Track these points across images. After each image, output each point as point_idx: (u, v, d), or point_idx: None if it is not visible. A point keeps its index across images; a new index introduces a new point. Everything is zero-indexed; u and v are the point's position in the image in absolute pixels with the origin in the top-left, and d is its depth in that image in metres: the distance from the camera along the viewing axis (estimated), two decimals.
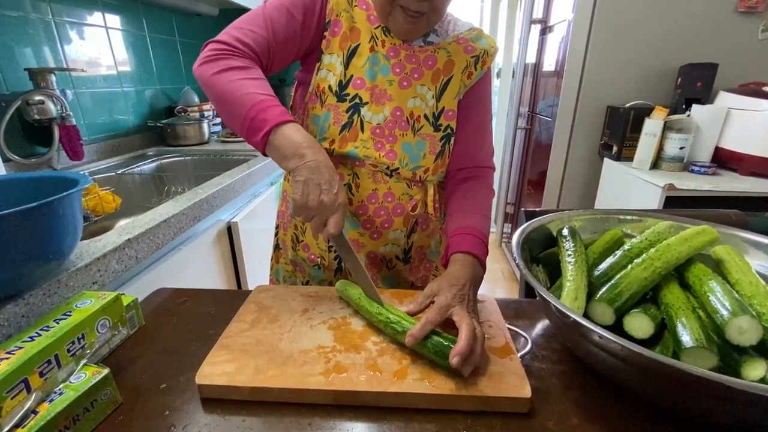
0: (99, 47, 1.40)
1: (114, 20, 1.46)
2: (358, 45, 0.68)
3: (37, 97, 1.10)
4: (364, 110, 0.69)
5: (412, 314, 0.55)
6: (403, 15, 0.63)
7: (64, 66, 1.27)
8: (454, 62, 0.71)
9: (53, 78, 1.15)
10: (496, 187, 3.18)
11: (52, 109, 1.13)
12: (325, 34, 0.68)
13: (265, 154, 0.58)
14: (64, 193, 0.53)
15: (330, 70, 0.69)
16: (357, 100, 0.68)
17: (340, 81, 0.68)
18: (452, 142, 0.74)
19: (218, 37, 0.62)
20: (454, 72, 0.71)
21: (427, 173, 0.73)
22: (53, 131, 1.15)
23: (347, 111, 0.69)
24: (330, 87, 0.68)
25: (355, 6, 0.68)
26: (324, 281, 0.81)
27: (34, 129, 1.16)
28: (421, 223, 0.77)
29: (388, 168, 0.71)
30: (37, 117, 1.11)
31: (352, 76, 0.68)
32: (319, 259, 0.79)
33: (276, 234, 0.88)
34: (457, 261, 0.62)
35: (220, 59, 0.60)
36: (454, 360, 0.45)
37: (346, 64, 0.68)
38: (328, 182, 0.55)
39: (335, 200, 0.55)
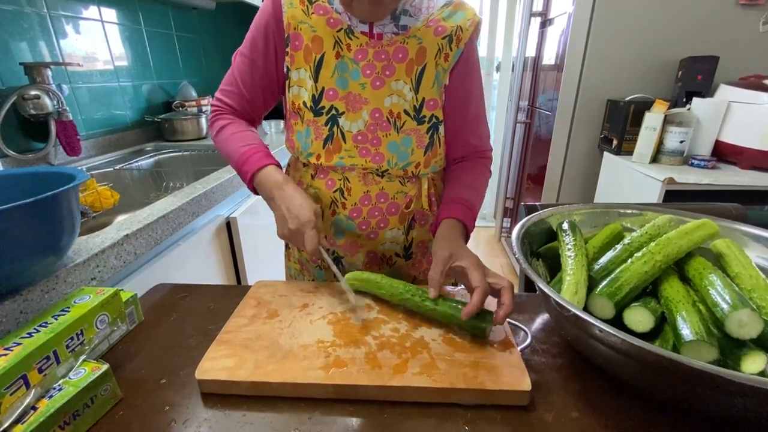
0: (95, 41, 1.39)
1: (110, 14, 1.44)
2: (323, 54, 0.66)
3: (33, 92, 1.09)
4: (342, 120, 0.68)
5: (435, 296, 0.58)
6: None
7: (60, 60, 1.25)
8: (426, 49, 0.66)
9: (49, 72, 1.14)
10: (495, 181, 3.18)
11: (48, 104, 1.12)
12: (288, 50, 0.66)
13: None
14: (61, 189, 0.52)
15: (301, 85, 0.68)
16: (333, 112, 0.67)
17: (313, 95, 0.67)
18: (441, 131, 0.71)
19: (213, 100, 0.76)
20: (427, 59, 0.67)
21: (419, 167, 0.72)
22: (50, 126, 1.14)
23: (326, 124, 0.68)
24: (305, 103, 0.68)
25: (312, 14, 0.65)
26: (327, 281, 0.82)
27: (30, 124, 1.15)
28: (418, 219, 0.77)
29: (377, 170, 0.70)
30: (33, 112, 1.10)
31: (323, 88, 0.67)
32: (319, 261, 0.80)
33: None
34: (449, 228, 0.66)
35: (214, 121, 0.74)
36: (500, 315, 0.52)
37: (315, 77, 0.66)
38: (289, 210, 0.61)
39: (297, 222, 0.60)
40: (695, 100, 1.58)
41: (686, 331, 0.42)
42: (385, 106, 0.68)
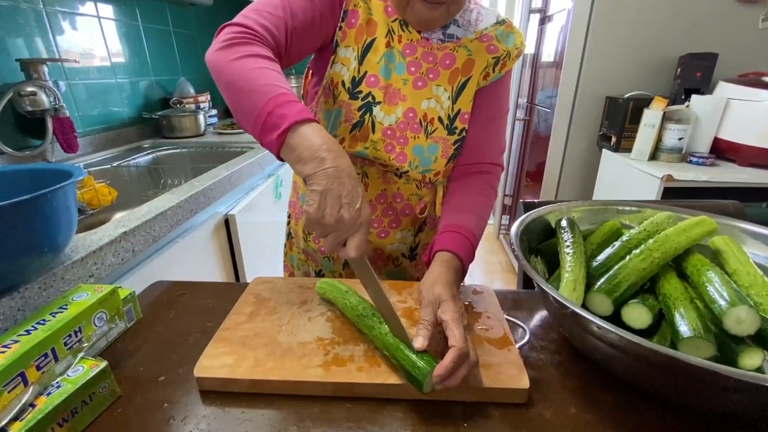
0: (92, 38, 1.38)
1: (107, 10, 1.43)
2: (374, 39, 0.64)
3: (29, 89, 1.08)
4: (376, 110, 0.66)
5: (423, 348, 0.46)
6: (422, 2, 0.58)
7: (57, 57, 1.24)
8: (474, 62, 0.66)
9: (45, 69, 1.13)
10: None
11: (45, 100, 1.11)
12: (341, 24, 0.64)
13: (280, 158, 0.49)
14: (58, 186, 0.52)
15: (345, 64, 0.65)
16: (370, 99, 0.65)
17: (354, 77, 0.65)
18: None
19: (236, 20, 0.57)
20: (473, 73, 0.67)
21: (437, 176, 0.71)
22: (46, 123, 1.14)
23: (359, 109, 0.66)
24: (343, 82, 0.65)
25: None
26: (335, 272, 0.81)
27: (27, 121, 1.15)
28: (429, 222, 0.77)
29: (397, 170, 0.69)
30: (29, 108, 1.10)
31: (366, 72, 0.65)
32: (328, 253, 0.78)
33: (288, 223, 0.88)
34: (441, 263, 0.56)
35: (239, 45, 0.53)
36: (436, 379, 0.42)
37: (361, 60, 0.65)
38: (350, 194, 0.45)
39: (357, 217, 0.45)
40: (694, 97, 1.58)
41: (684, 328, 0.42)
42: (421, 108, 0.67)
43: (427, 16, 0.60)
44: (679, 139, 1.54)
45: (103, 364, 0.45)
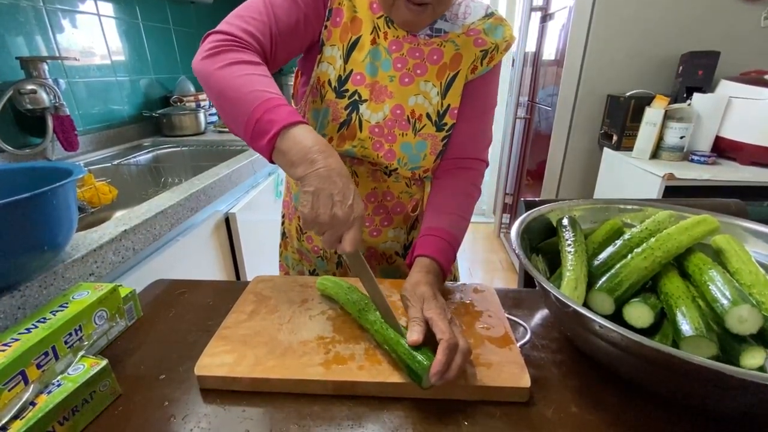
0: (92, 35, 1.38)
1: (107, 8, 1.43)
2: (360, 37, 0.64)
3: (29, 87, 1.08)
4: (363, 108, 0.66)
5: (418, 341, 0.47)
6: (407, 5, 0.58)
7: (57, 55, 1.24)
8: (462, 56, 0.66)
9: (45, 67, 1.13)
10: (494, 177, 3.14)
11: (45, 98, 1.11)
12: (327, 23, 0.64)
13: (272, 161, 0.50)
14: (58, 184, 0.52)
15: (330, 63, 0.65)
16: (356, 97, 0.65)
17: (339, 76, 0.65)
18: None
19: (219, 28, 0.57)
20: (461, 67, 0.66)
21: (427, 173, 0.71)
22: (47, 121, 1.14)
23: (346, 108, 0.65)
24: (329, 81, 0.65)
25: None
26: (328, 271, 0.81)
27: (26, 119, 1.14)
28: (421, 220, 0.77)
29: (386, 168, 0.69)
30: (29, 106, 1.09)
31: (351, 71, 0.65)
32: (321, 251, 0.79)
33: (282, 222, 0.88)
34: (420, 268, 0.58)
35: (224, 52, 0.54)
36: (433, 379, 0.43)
37: (346, 58, 0.64)
38: (342, 192, 0.47)
39: (350, 213, 0.47)
40: (695, 96, 1.57)
41: (686, 327, 0.42)
42: (408, 104, 0.66)
43: (411, 18, 0.59)
44: (681, 137, 1.54)
45: (104, 362, 0.45)
